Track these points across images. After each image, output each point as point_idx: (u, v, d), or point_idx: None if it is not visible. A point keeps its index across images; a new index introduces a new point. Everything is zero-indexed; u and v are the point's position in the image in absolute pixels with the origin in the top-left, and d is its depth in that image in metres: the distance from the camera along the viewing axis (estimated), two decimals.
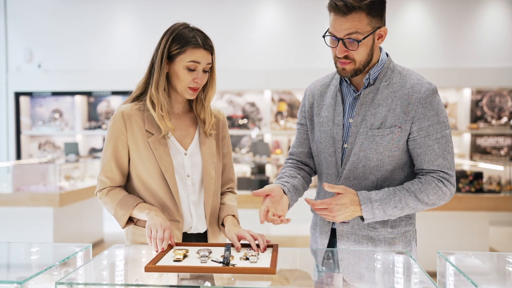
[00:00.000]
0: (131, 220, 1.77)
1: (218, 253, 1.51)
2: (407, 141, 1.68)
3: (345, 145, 1.73)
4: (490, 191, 4.56)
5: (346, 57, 1.63)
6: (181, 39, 1.69)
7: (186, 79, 1.70)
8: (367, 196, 1.62)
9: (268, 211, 1.64)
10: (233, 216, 1.82)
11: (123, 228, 1.78)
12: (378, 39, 1.64)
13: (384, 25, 1.65)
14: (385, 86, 1.69)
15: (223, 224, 1.80)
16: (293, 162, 1.96)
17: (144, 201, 1.77)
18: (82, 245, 1.59)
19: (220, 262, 1.39)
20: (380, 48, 1.73)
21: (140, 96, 1.81)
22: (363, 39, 1.58)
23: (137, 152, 1.75)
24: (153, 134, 1.74)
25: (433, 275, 1.43)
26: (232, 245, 1.59)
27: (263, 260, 1.44)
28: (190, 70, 1.70)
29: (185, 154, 1.78)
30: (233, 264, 1.38)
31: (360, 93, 1.71)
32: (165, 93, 1.75)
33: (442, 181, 1.65)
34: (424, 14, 7.26)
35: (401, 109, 1.65)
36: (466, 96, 7.22)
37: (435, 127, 1.64)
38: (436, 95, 1.66)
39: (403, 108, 1.65)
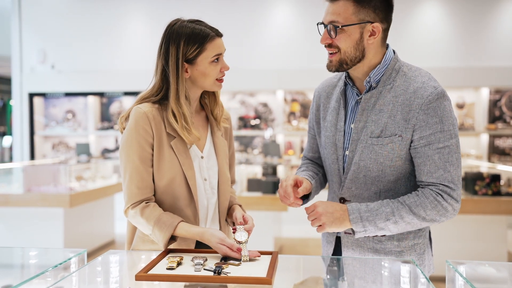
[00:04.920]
0: (173, 238, 1.61)
1: (213, 260, 1.45)
2: (410, 150, 1.57)
3: (347, 152, 1.64)
4: (508, 194, 4.41)
5: (330, 45, 1.56)
6: (196, 39, 1.60)
7: (214, 73, 1.64)
8: (356, 207, 1.54)
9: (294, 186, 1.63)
10: (240, 206, 1.80)
11: (165, 249, 1.59)
12: (369, 36, 1.54)
13: (380, 22, 1.53)
14: (388, 90, 1.57)
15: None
16: (311, 161, 1.90)
17: (183, 219, 1.62)
18: (76, 250, 1.55)
19: (213, 271, 1.32)
20: (387, 46, 1.62)
21: (156, 102, 1.67)
22: (343, 26, 1.51)
23: (160, 155, 1.63)
24: (175, 137, 1.64)
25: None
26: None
27: (260, 268, 1.38)
28: (215, 62, 1.64)
29: (202, 157, 1.70)
30: (226, 273, 1.32)
31: (362, 97, 1.61)
32: (187, 100, 1.65)
33: (441, 195, 1.51)
34: (440, 12, 7.10)
35: (401, 116, 1.53)
36: (484, 95, 7.04)
37: (437, 136, 1.51)
38: (442, 100, 1.52)
39: (404, 115, 1.53)
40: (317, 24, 1.60)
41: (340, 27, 1.51)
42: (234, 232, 1.54)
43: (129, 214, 1.64)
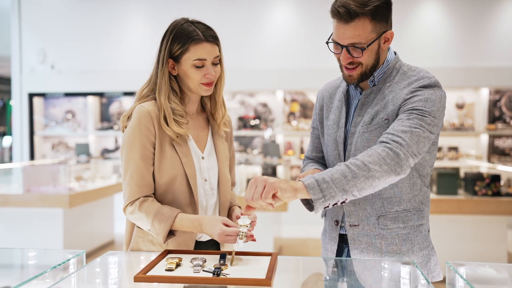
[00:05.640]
0: (171, 232, 1.61)
1: (213, 262, 1.44)
2: None
3: (348, 147, 1.68)
4: (508, 194, 4.41)
5: (351, 63, 1.57)
6: (181, 37, 1.60)
7: (196, 76, 1.61)
8: (309, 175, 1.45)
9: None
10: (240, 207, 1.81)
11: (164, 242, 1.60)
12: (384, 43, 1.58)
13: (390, 28, 1.58)
14: (387, 87, 1.63)
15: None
16: (314, 161, 1.89)
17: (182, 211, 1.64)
18: (75, 251, 1.54)
19: (212, 272, 1.32)
20: (388, 48, 1.67)
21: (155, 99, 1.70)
22: (368, 46, 1.53)
23: (162, 154, 1.63)
24: (177, 136, 1.65)
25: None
26: (229, 253, 1.51)
27: (259, 270, 1.37)
28: (198, 67, 1.61)
29: (202, 158, 1.71)
30: (225, 274, 1.31)
31: (363, 93, 1.67)
32: (176, 96, 1.66)
33: (390, 143, 1.45)
34: (440, 12, 7.10)
35: (392, 103, 1.58)
36: (484, 96, 7.04)
37: (417, 108, 1.51)
38: (433, 88, 1.55)
39: (394, 101, 1.57)
40: (327, 43, 1.60)
41: (365, 48, 1.53)
42: (237, 218, 1.54)
43: (128, 210, 1.64)
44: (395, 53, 1.68)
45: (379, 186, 1.45)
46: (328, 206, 1.42)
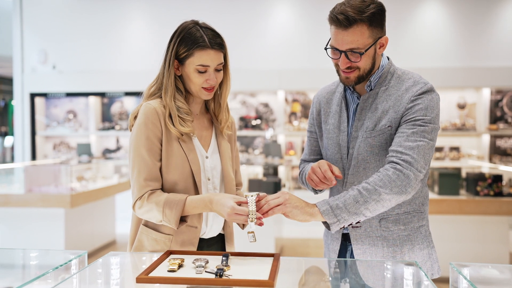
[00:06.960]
0: (182, 219, 1.63)
1: (215, 262, 1.44)
2: None
3: (350, 151, 1.73)
4: (510, 195, 4.40)
5: (349, 67, 1.63)
6: (188, 41, 1.63)
7: (198, 81, 1.65)
8: (324, 200, 1.57)
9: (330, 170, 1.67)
10: None
11: (177, 228, 1.61)
12: (379, 48, 1.65)
13: (385, 34, 1.65)
14: (383, 91, 1.69)
15: None
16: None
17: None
18: (76, 252, 1.54)
19: (214, 273, 1.32)
20: (382, 53, 1.73)
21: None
22: (366, 51, 1.59)
23: (169, 150, 1.65)
24: (182, 135, 1.67)
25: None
26: (231, 254, 1.51)
27: (262, 271, 1.37)
28: (201, 72, 1.64)
29: (206, 157, 1.74)
30: (228, 275, 1.31)
31: (360, 98, 1.72)
32: (181, 95, 1.70)
33: (400, 164, 1.54)
34: (441, 12, 7.09)
35: (393, 109, 1.64)
36: (486, 96, 7.03)
37: (419, 118, 1.59)
38: (430, 93, 1.63)
39: (395, 108, 1.64)
40: (325, 49, 1.65)
41: (363, 52, 1.59)
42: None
43: (137, 205, 1.64)
44: (388, 58, 1.74)
45: (390, 206, 1.55)
46: (343, 227, 1.55)
